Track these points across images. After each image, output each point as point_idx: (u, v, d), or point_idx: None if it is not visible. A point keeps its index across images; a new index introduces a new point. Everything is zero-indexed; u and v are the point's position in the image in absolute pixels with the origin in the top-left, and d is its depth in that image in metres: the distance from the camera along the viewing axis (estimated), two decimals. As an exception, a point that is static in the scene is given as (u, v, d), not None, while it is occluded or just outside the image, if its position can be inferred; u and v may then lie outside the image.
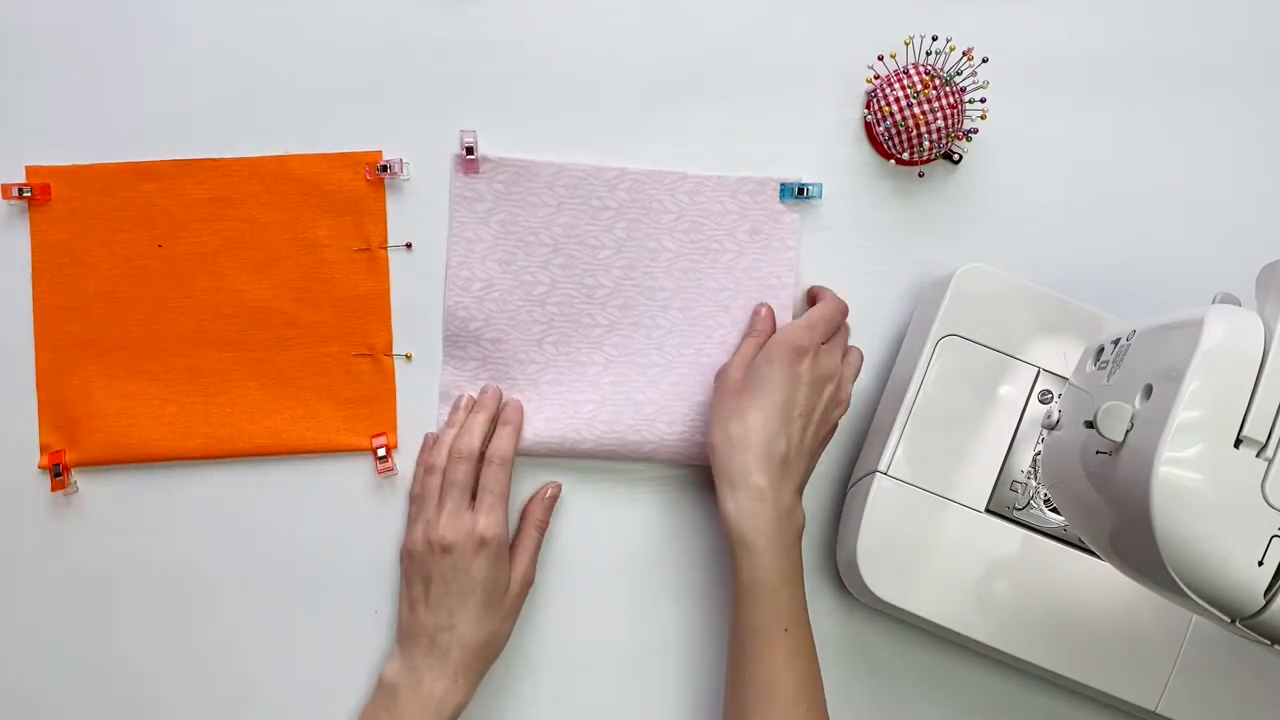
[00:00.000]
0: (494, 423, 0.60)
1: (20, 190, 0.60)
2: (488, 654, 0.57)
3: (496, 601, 0.56)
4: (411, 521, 0.59)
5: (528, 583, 0.59)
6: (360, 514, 0.61)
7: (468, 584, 0.56)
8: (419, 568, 0.57)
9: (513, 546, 0.59)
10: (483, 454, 0.58)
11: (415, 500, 0.60)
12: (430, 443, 0.61)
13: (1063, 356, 0.57)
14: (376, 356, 0.61)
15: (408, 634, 0.57)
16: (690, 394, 0.61)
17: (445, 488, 0.57)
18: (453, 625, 0.55)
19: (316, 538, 0.61)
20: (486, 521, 0.56)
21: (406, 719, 0.55)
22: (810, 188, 0.60)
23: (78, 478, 0.61)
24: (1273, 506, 0.36)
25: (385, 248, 0.62)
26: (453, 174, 0.61)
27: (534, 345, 0.61)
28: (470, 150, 0.60)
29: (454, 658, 0.55)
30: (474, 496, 0.57)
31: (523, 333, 0.61)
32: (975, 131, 0.59)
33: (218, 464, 0.61)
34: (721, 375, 0.58)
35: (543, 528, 0.60)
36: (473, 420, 0.59)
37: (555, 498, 0.61)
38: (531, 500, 0.61)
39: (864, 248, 0.62)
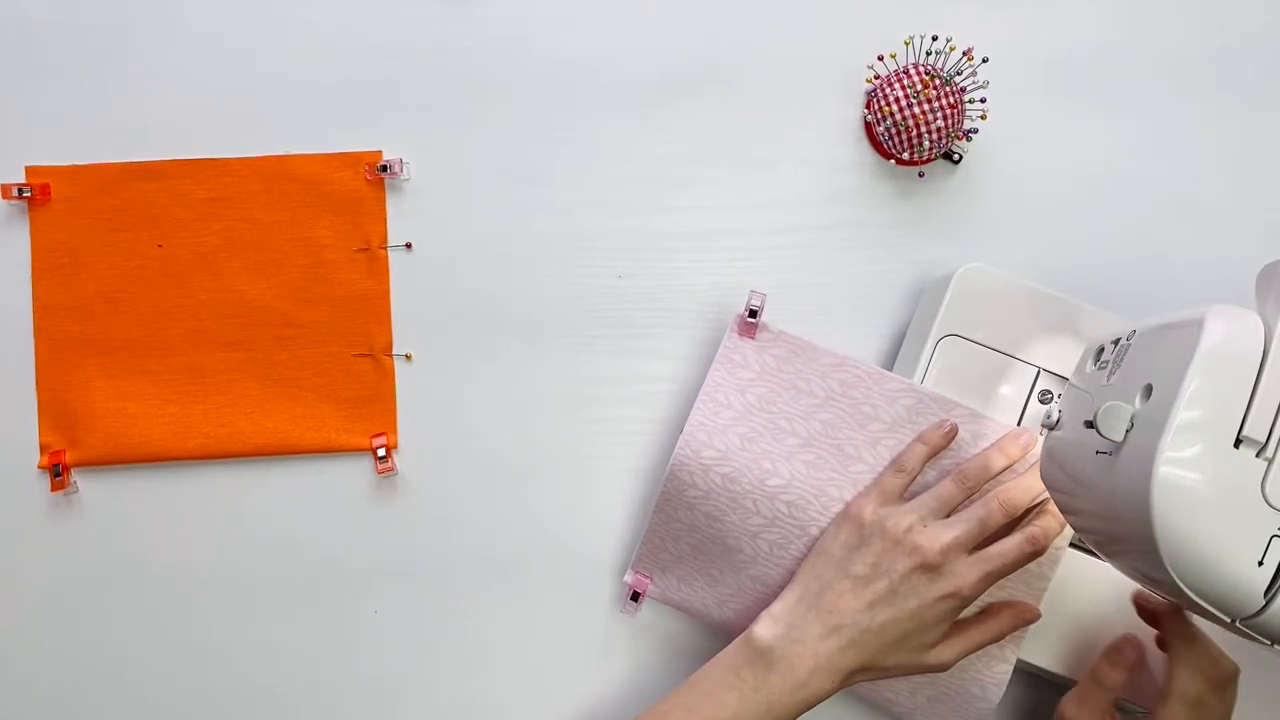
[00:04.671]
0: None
1: (20, 190, 0.60)
2: (861, 678, 0.52)
3: (913, 647, 0.51)
4: (893, 494, 0.53)
5: (939, 668, 0.52)
6: (360, 514, 0.61)
7: (909, 610, 0.50)
8: (882, 555, 0.51)
9: (957, 625, 0.52)
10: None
11: (902, 470, 0.54)
12: (1003, 448, 0.54)
13: (1062, 357, 0.57)
14: (376, 356, 0.61)
15: (812, 604, 0.52)
16: None
17: (969, 516, 0.52)
18: (869, 629, 0.50)
19: (316, 538, 0.61)
20: (971, 579, 0.50)
21: (773, 689, 0.50)
22: None
23: (78, 478, 0.61)
24: (1273, 506, 0.36)
25: (385, 248, 0.62)
26: (728, 330, 0.58)
27: (749, 536, 0.55)
28: (754, 313, 0.57)
29: (848, 657, 0.50)
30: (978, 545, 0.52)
31: (742, 519, 0.55)
32: (975, 131, 0.59)
33: (218, 464, 0.61)
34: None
35: (998, 635, 0.53)
36: (1033, 482, 0.53)
37: (1029, 621, 0.54)
38: (1006, 605, 0.54)
39: (864, 248, 0.62)
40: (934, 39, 0.58)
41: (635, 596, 0.59)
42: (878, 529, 0.52)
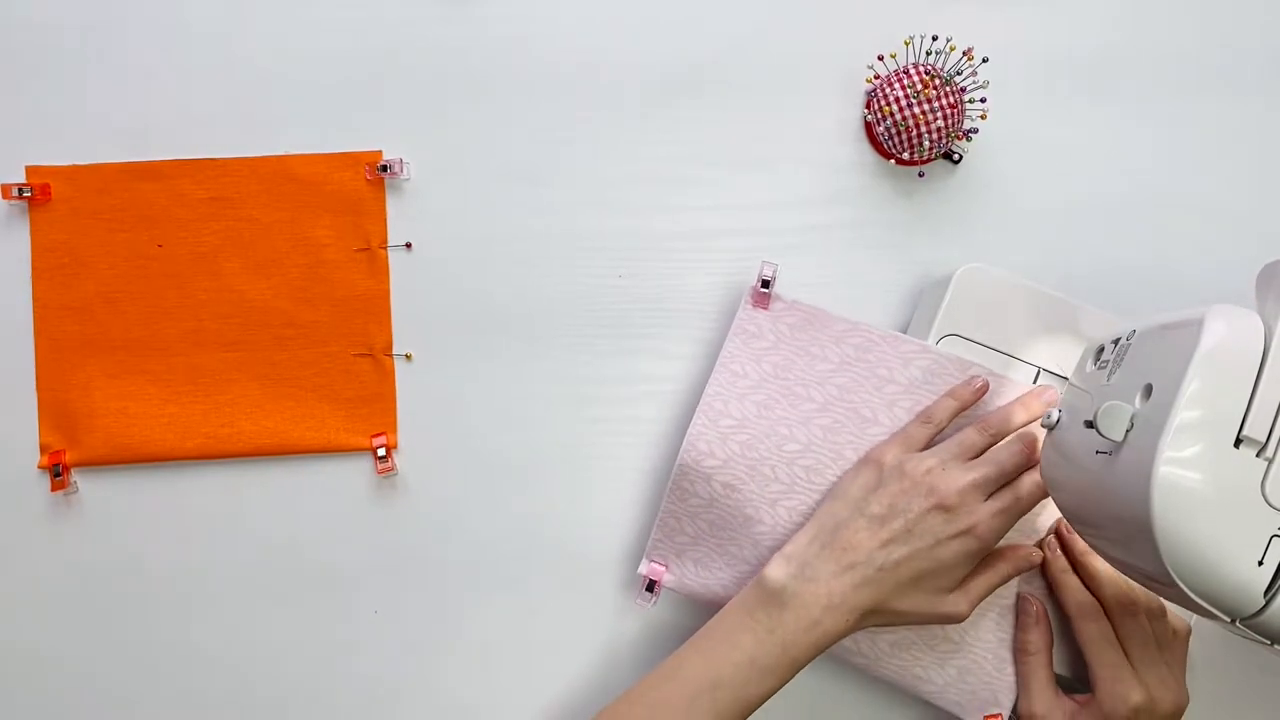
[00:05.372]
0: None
1: (20, 190, 0.60)
2: (874, 620, 0.51)
3: (928, 589, 0.51)
4: (916, 443, 0.54)
5: (954, 618, 0.52)
6: (360, 514, 0.61)
7: (924, 549, 0.50)
8: (899, 495, 0.51)
9: (972, 573, 0.53)
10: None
11: (929, 422, 0.55)
12: (1025, 403, 0.54)
13: (1062, 357, 0.57)
14: (376, 356, 0.61)
15: (826, 543, 0.52)
16: None
17: (988, 459, 0.52)
18: (883, 566, 0.50)
19: (316, 538, 0.61)
20: (985, 516, 0.51)
21: (788, 629, 0.50)
22: None
23: (78, 478, 0.61)
24: (1273, 506, 0.36)
25: (385, 248, 0.62)
26: (741, 302, 0.58)
27: (768, 504, 0.56)
28: (766, 284, 0.57)
29: (862, 595, 0.50)
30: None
31: (760, 487, 0.56)
32: (975, 131, 0.59)
33: (218, 464, 0.61)
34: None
35: (1005, 577, 0.54)
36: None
37: (1033, 564, 0.55)
38: (1010, 548, 0.54)
39: (864, 248, 0.62)
40: (934, 39, 0.58)
41: (651, 587, 0.59)
42: (897, 471, 0.52)
